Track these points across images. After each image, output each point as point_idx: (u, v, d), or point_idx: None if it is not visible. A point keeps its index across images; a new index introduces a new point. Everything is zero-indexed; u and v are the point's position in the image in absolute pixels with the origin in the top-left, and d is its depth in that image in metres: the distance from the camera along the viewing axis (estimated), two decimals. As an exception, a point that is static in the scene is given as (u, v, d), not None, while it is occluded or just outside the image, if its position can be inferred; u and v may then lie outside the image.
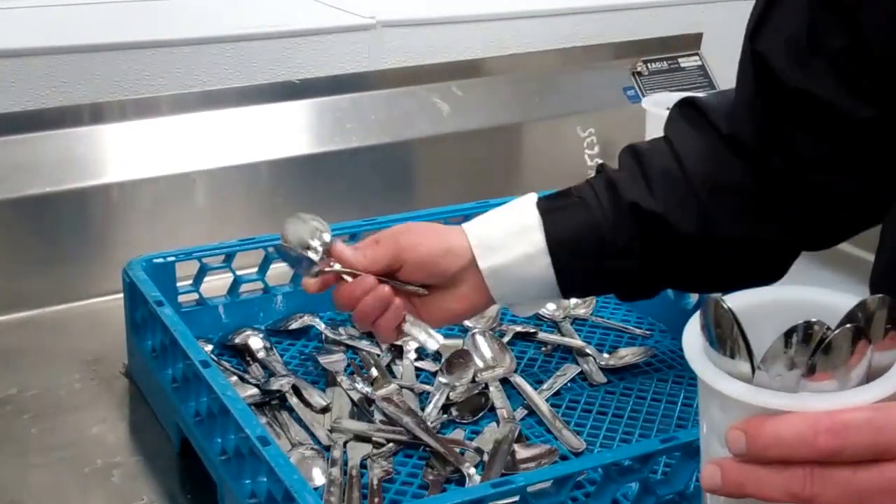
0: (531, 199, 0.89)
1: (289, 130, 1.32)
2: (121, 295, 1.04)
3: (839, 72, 0.78)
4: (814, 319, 0.55)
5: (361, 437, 0.88)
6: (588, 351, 1.03)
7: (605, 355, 1.03)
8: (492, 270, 0.87)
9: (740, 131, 0.85)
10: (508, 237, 0.87)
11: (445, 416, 0.92)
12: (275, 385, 0.94)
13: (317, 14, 1.44)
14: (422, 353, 1.02)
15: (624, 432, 0.92)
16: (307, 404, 0.93)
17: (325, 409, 0.92)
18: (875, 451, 0.52)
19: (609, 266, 0.87)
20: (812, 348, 0.55)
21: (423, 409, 0.92)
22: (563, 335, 1.07)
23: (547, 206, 0.87)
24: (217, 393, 0.81)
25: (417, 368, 1.00)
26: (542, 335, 1.07)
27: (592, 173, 1.48)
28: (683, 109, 0.92)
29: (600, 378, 1.00)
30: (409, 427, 0.88)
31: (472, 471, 0.84)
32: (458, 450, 0.86)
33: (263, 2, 1.51)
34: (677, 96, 1.45)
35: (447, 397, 0.93)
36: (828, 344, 0.54)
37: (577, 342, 1.05)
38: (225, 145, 1.27)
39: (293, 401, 0.93)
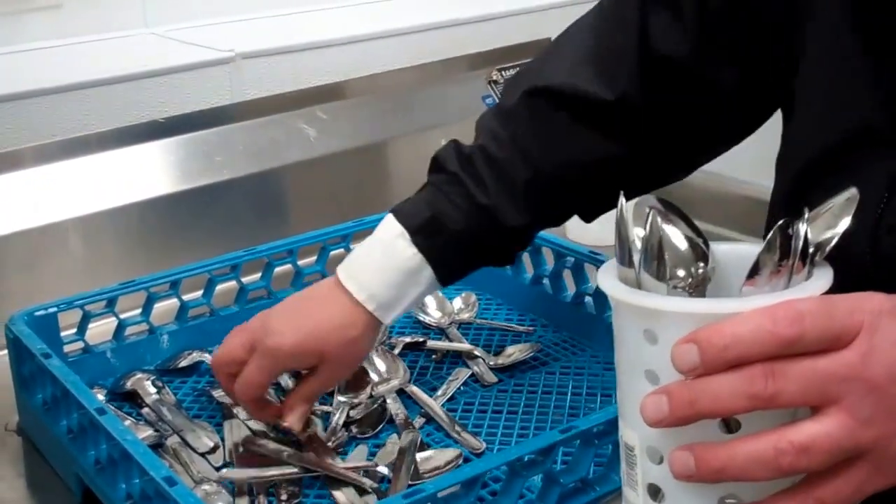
0: (404, 240, 0.86)
1: (158, 169, 1.31)
2: (2, 351, 1.03)
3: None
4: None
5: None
6: (477, 353, 1.06)
7: (493, 355, 1.06)
8: (392, 319, 0.88)
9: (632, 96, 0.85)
10: (401, 288, 0.86)
11: (347, 433, 0.93)
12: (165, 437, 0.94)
13: (175, 52, 1.44)
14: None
15: (521, 428, 0.95)
16: (193, 449, 0.92)
17: (213, 450, 0.92)
18: (830, 337, 0.51)
19: (496, 247, 0.89)
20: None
21: (325, 429, 0.93)
22: (450, 341, 1.10)
23: (426, 245, 0.86)
24: (117, 439, 0.81)
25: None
26: (430, 343, 1.09)
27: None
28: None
29: (491, 378, 1.02)
30: (308, 463, 0.88)
31: (376, 486, 0.85)
32: (361, 471, 0.87)
33: (120, 45, 1.51)
34: (535, 100, 1.50)
35: (347, 415, 0.95)
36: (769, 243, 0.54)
37: (465, 346, 1.08)
38: (95, 191, 1.26)
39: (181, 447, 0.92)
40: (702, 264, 0.59)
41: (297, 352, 0.86)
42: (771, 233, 0.55)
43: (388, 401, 0.97)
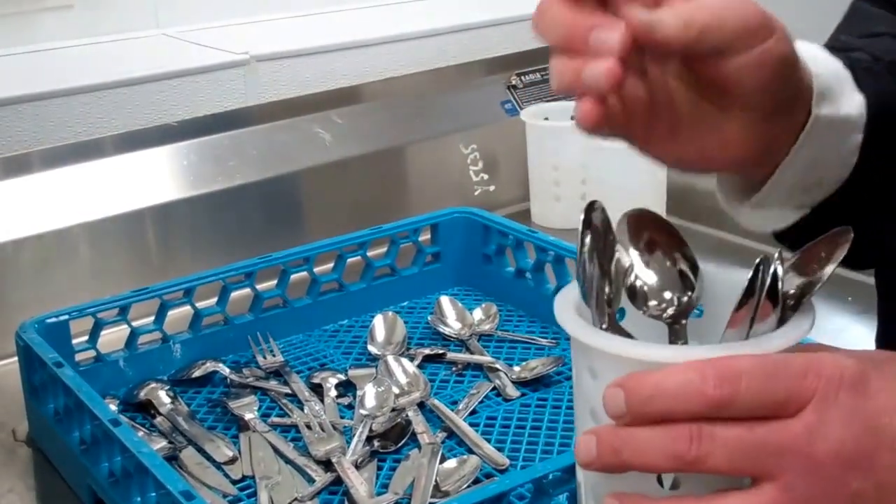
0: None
1: (170, 173, 1.29)
2: (12, 359, 1.01)
3: None
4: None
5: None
6: (498, 366, 1.03)
7: (516, 368, 1.03)
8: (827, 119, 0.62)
9: None
10: (841, 83, 0.63)
11: (370, 447, 0.90)
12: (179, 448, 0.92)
13: (189, 54, 1.42)
14: (340, 390, 1.01)
15: (545, 444, 0.92)
16: (211, 459, 0.90)
17: (232, 461, 0.90)
18: (771, 403, 0.47)
19: None
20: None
21: (348, 443, 0.91)
22: (471, 353, 1.07)
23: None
24: (132, 451, 0.79)
25: (339, 405, 0.98)
26: (450, 355, 1.07)
27: (480, 189, 1.51)
28: None
29: (514, 392, 1.00)
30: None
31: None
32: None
33: (132, 47, 1.49)
34: (554, 106, 1.49)
35: (370, 429, 0.92)
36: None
37: (486, 358, 1.05)
38: (106, 195, 1.24)
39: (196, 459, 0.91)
40: (669, 294, 0.55)
41: None
42: (750, 273, 0.50)
43: (409, 414, 0.95)
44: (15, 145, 1.23)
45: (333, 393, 0.99)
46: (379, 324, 1.11)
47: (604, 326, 0.55)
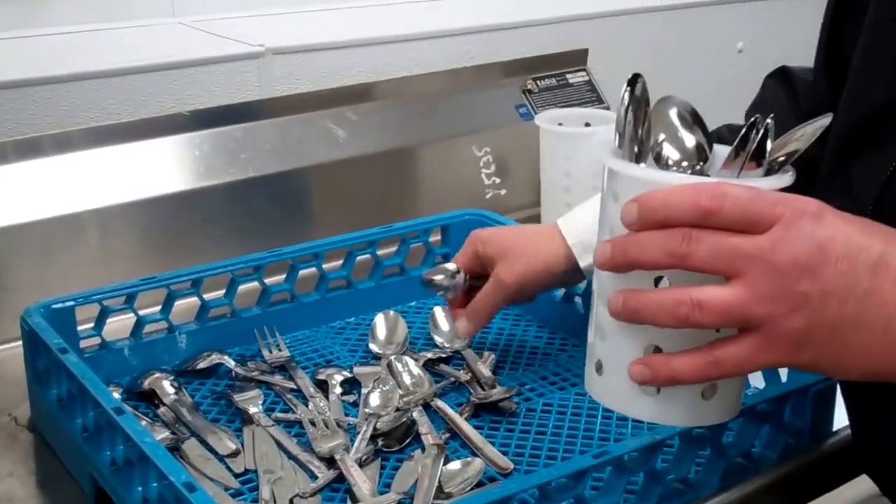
0: None
1: (182, 163, 1.28)
2: (15, 343, 1.00)
3: None
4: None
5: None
6: (471, 385, 1.01)
7: (481, 392, 0.99)
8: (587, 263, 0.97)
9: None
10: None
11: (374, 446, 0.90)
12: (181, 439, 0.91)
13: (204, 44, 1.41)
14: (346, 387, 1.00)
15: (549, 449, 0.92)
16: (213, 451, 0.90)
17: (234, 454, 0.90)
18: (746, 221, 0.59)
19: None
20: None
21: (352, 442, 0.90)
22: (468, 363, 1.05)
23: None
24: (135, 440, 0.78)
25: (344, 402, 0.98)
26: (443, 365, 1.05)
27: (491, 192, 1.50)
28: (778, 78, 0.99)
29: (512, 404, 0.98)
30: None
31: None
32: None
33: (149, 34, 1.48)
34: (568, 112, 1.49)
35: (374, 427, 0.91)
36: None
37: (462, 375, 1.03)
38: (116, 182, 1.23)
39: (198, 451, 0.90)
40: (686, 163, 0.70)
41: (487, 238, 1.01)
42: (744, 129, 0.66)
43: (414, 414, 0.94)
44: (26, 128, 1.22)
45: (338, 390, 0.99)
46: (380, 323, 1.10)
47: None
